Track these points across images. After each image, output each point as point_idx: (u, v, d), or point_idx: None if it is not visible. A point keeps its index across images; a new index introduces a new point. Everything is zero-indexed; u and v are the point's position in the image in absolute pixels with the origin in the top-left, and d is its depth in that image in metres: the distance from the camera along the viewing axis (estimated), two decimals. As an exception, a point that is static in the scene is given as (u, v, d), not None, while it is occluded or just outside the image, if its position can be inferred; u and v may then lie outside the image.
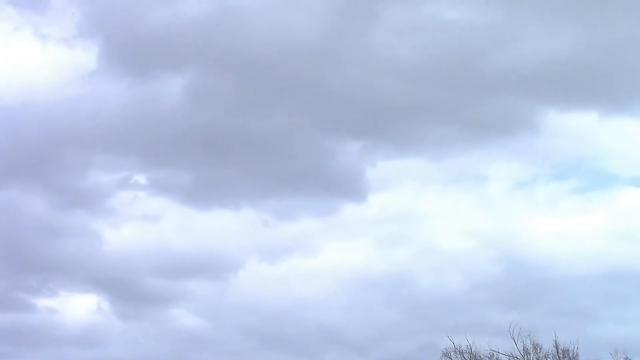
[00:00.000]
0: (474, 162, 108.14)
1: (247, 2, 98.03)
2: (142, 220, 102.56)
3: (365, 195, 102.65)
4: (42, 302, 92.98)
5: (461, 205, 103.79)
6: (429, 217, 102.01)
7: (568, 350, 56.85)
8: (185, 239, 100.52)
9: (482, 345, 57.10)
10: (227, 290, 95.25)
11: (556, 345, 57.13)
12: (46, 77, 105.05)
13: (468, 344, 58.65)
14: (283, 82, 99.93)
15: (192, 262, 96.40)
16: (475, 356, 58.65)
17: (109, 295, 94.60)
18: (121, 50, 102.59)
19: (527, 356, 57.29)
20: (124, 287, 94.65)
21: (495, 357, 58.40)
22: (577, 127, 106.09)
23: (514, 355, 57.43)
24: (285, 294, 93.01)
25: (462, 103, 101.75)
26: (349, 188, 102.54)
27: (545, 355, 57.27)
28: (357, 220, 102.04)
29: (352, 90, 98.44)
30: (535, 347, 57.45)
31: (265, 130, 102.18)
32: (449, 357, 59.15)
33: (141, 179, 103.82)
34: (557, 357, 57.00)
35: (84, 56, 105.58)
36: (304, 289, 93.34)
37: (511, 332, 57.52)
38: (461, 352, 58.94)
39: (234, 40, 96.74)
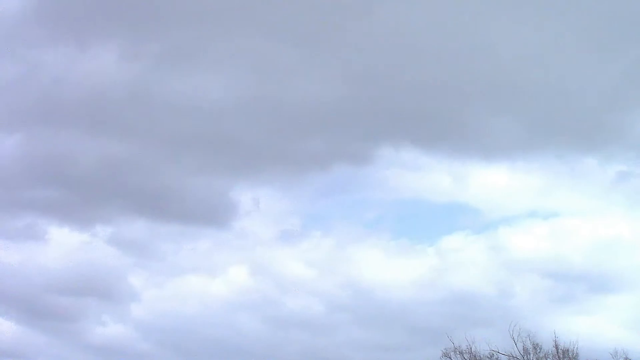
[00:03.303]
0: (317, 197, 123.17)
1: (56, 62, 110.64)
2: (22, 240, 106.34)
3: (226, 223, 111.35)
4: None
5: (307, 236, 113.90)
6: (282, 247, 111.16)
7: (568, 350, 56.73)
8: (67, 257, 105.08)
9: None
10: (128, 308, 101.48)
11: (556, 345, 56.98)
12: None
13: (468, 344, 58.78)
14: (104, 122, 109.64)
15: (83, 280, 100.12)
16: (475, 356, 58.59)
17: (16, 313, 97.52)
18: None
19: (527, 356, 57.19)
20: (30, 304, 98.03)
21: (495, 357, 58.39)
22: (411, 166, 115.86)
23: (514, 355, 57.35)
24: (179, 312, 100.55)
25: (287, 140, 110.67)
26: (211, 215, 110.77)
27: (545, 355, 57.14)
28: (220, 246, 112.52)
29: (169, 129, 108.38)
30: (535, 347, 57.33)
31: (107, 156, 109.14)
32: (449, 357, 59.11)
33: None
34: (557, 357, 56.87)
35: None
36: (190, 308, 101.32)
37: (511, 333, 57.57)
38: (461, 352, 58.88)
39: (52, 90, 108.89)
